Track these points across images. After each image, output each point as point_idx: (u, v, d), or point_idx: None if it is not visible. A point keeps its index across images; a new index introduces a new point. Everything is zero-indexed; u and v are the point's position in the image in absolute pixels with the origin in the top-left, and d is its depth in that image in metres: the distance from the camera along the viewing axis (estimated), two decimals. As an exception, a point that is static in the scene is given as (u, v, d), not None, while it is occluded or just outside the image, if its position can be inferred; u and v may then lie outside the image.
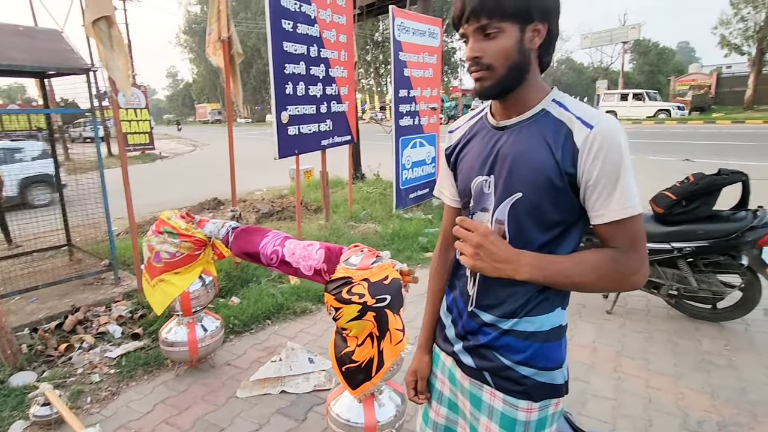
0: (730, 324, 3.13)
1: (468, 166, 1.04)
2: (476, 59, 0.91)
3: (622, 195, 0.87)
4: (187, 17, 58.97)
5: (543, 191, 0.91)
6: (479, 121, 1.07)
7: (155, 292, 2.58)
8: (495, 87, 0.93)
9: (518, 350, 0.99)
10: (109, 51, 3.07)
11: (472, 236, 0.92)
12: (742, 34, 27.96)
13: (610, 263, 0.90)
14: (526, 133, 0.94)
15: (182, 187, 10.34)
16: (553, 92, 0.96)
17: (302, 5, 4.31)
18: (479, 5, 0.87)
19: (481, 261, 0.92)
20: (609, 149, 0.86)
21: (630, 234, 0.90)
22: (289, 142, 4.36)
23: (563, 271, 0.90)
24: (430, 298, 1.25)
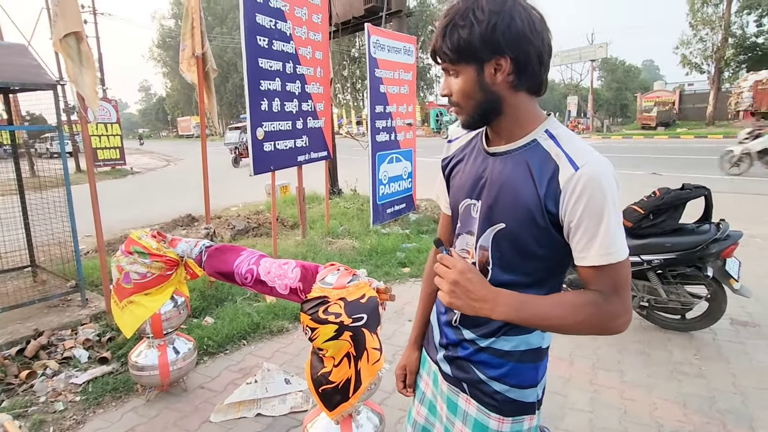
0: (698, 334, 3.22)
1: (458, 186, 1.06)
2: (448, 96, 0.96)
3: (604, 240, 0.85)
4: (161, 31, 58.42)
5: (525, 225, 0.91)
6: (475, 141, 1.06)
7: (124, 314, 2.49)
8: (469, 121, 0.96)
9: (493, 366, 1.03)
10: (77, 67, 3.00)
11: (449, 273, 0.89)
12: (702, 54, 29.45)
13: (590, 307, 0.87)
14: (515, 162, 0.93)
15: (155, 203, 10.11)
16: (547, 122, 0.94)
17: (278, 22, 4.33)
18: (436, 50, 0.92)
19: (457, 298, 0.89)
20: (593, 193, 0.84)
21: (612, 279, 0.87)
22: (264, 159, 4.33)
23: (541, 314, 0.88)
24: (422, 299, 1.31)
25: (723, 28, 27.17)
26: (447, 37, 0.89)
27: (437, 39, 0.91)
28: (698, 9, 28.64)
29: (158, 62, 62.65)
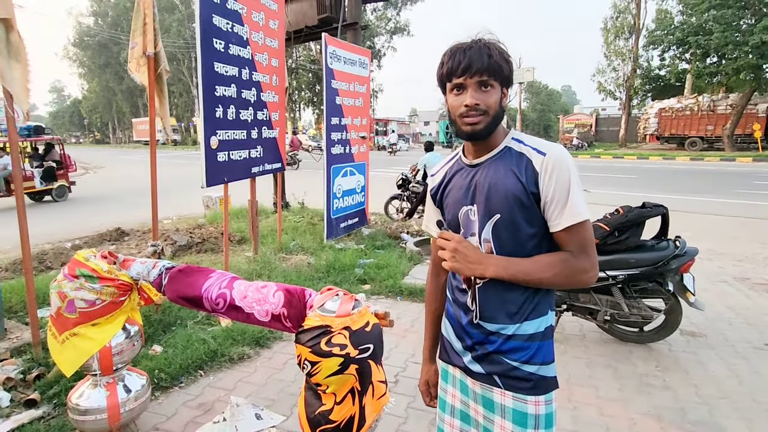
0: (656, 345, 3.38)
1: (454, 200, 1.23)
2: (476, 106, 1.10)
3: (573, 205, 1.09)
4: (78, 29, 53.98)
5: (516, 210, 1.12)
6: (455, 163, 1.28)
7: (65, 348, 2.12)
8: (485, 129, 1.13)
9: (523, 350, 1.16)
10: (5, 59, 2.58)
11: (449, 243, 1.15)
12: (615, 82, 32.38)
13: (562, 263, 1.11)
14: (496, 167, 1.16)
15: (74, 215, 9.13)
16: (511, 132, 1.20)
17: (234, 25, 4.07)
18: (486, 65, 1.09)
19: (457, 262, 1.13)
20: (560, 170, 1.09)
21: (579, 238, 1.11)
22: (218, 169, 4.02)
23: (523, 269, 1.11)
24: (429, 317, 1.45)
25: (632, 60, 30.11)
26: (494, 58, 1.10)
27: (485, 55, 1.09)
28: (611, 41, 31.58)
29: (74, 62, 57.79)
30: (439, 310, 1.41)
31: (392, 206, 8.14)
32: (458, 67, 1.10)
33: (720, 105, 24.03)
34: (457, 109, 1.13)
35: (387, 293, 4.44)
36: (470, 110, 1.10)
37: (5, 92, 2.61)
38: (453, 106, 1.15)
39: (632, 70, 30.27)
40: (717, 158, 20.09)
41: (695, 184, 12.10)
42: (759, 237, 6.63)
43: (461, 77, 1.11)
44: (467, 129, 1.13)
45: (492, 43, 1.12)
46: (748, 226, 7.43)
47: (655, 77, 29.83)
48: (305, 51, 36.79)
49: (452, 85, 1.14)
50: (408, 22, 40.07)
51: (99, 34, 50.72)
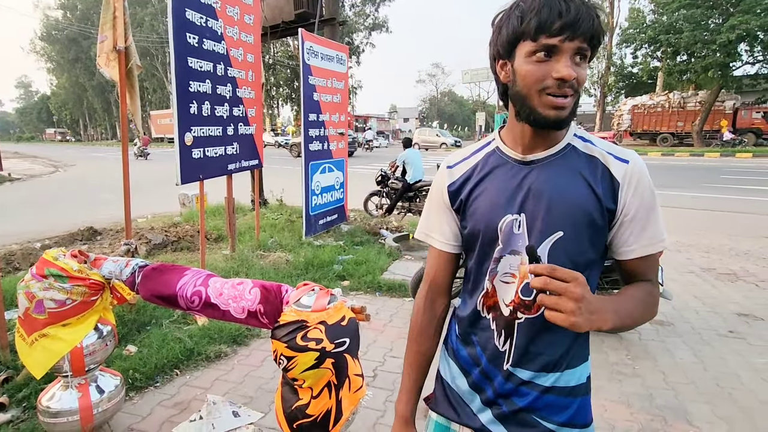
0: (626, 335, 3.49)
1: (490, 204, 0.93)
2: (573, 80, 0.81)
3: (657, 228, 0.89)
4: (46, 22, 52.21)
5: (583, 229, 0.87)
6: (491, 156, 0.97)
7: (34, 350, 2.07)
8: (570, 116, 0.86)
9: (562, 409, 0.92)
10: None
11: (572, 287, 0.74)
12: (589, 79, 33.03)
13: (650, 297, 0.91)
14: (559, 168, 0.89)
15: (44, 214, 8.84)
16: (572, 127, 0.93)
17: (208, 20, 4.01)
18: (594, 28, 0.80)
19: (581, 315, 0.75)
20: (645, 184, 0.88)
21: (655, 266, 0.94)
22: (193, 166, 3.96)
23: (629, 311, 0.85)
24: (414, 361, 1.08)
25: (606, 57, 30.77)
26: (599, 21, 0.81)
27: (593, 15, 0.80)
28: (586, 39, 32.21)
29: (42, 56, 55.86)
30: (429, 352, 1.08)
31: (372, 202, 8.16)
32: (557, 21, 0.78)
33: (690, 102, 24.82)
34: (539, 81, 0.82)
35: (366, 289, 4.46)
36: (564, 86, 0.81)
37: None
38: (533, 76, 0.83)
39: (606, 67, 30.95)
40: (687, 153, 20.75)
41: (666, 178, 12.47)
42: (725, 229, 6.89)
43: (557, 37, 0.79)
44: (551, 114, 0.83)
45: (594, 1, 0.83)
46: (715, 218, 7.71)
47: (628, 75, 30.56)
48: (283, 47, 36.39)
49: (537, 45, 0.81)
50: (386, 18, 40.01)
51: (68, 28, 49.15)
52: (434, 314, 1.08)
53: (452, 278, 1.07)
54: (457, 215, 1.01)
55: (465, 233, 1.00)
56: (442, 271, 1.06)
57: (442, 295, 1.08)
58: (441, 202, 1.03)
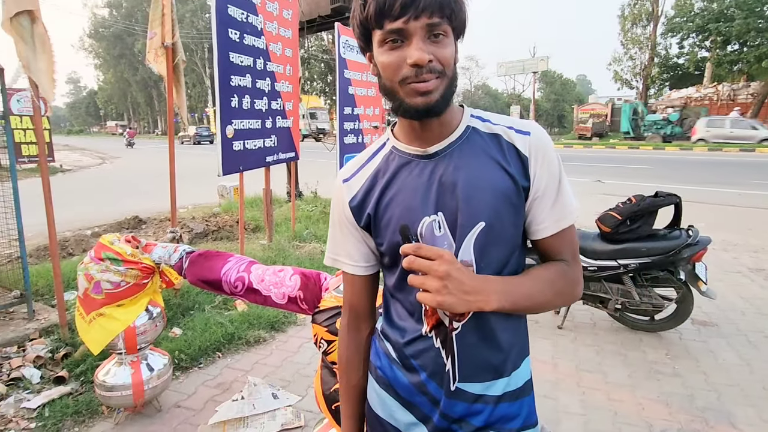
0: (666, 334, 3.39)
1: (401, 211, 0.83)
2: (430, 63, 0.73)
3: (567, 201, 0.84)
4: (94, 20, 54.56)
5: (504, 213, 0.80)
6: (390, 157, 0.87)
7: (92, 328, 2.23)
8: (443, 99, 0.76)
9: (515, 415, 0.88)
10: (31, 51, 2.67)
11: (436, 265, 0.71)
12: (631, 71, 31.81)
13: (562, 277, 0.84)
14: (466, 154, 0.82)
15: (92, 203, 9.33)
16: (466, 108, 0.87)
17: (249, 15, 4.12)
18: (438, 1, 0.72)
19: (449, 294, 0.71)
20: (551, 154, 0.83)
21: (572, 242, 0.87)
22: (233, 158, 4.09)
23: (527, 293, 0.79)
24: (350, 396, 0.99)
25: (650, 48, 29.54)
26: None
27: None
28: (628, 29, 30.97)
29: (90, 53, 58.49)
30: (361, 382, 0.98)
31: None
32: (395, 2, 0.71)
33: (740, 94, 23.53)
34: (396, 71, 0.74)
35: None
36: (422, 72, 0.73)
37: (31, 82, 2.70)
38: (389, 67, 0.75)
39: (650, 58, 29.72)
40: (737, 149, 19.68)
41: (713, 174, 11.90)
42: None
43: (400, 18, 0.71)
44: (418, 101, 0.75)
45: None
46: (766, 217, 7.33)
47: (673, 66, 29.28)
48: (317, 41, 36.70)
49: (384, 33, 0.74)
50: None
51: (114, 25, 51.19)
52: (360, 342, 0.98)
53: (374, 300, 0.98)
54: (367, 233, 0.90)
55: (382, 250, 0.88)
56: (360, 295, 0.96)
57: (365, 320, 0.98)
58: (344, 221, 0.91)
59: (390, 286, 0.92)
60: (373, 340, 0.98)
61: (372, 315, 0.99)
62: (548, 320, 3.63)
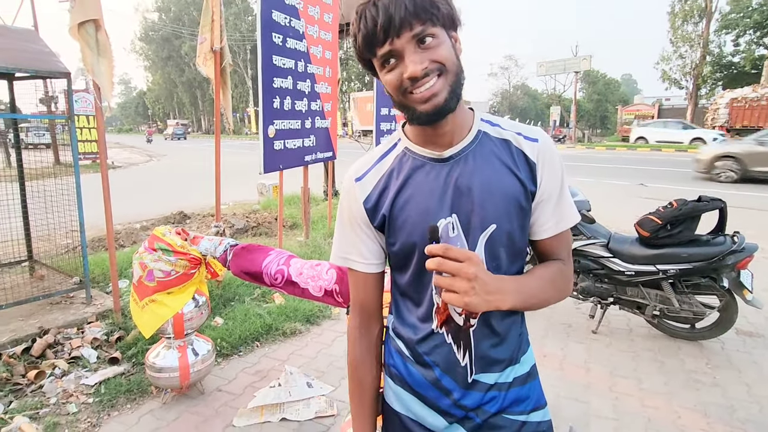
0: (707, 343, 3.29)
1: (419, 212, 0.85)
2: (426, 69, 0.76)
3: (568, 204, 0.90)
4: (144, 24, 57.20)
5: (514, 218, 0.85)
6: (404, 158, 0.90)
7: (145, 313, 2.40)
8: (450, 97, 0.78)
9: (525, 398, 0.94)
10: (94, 56, 2.90)
11: (465, 267, 0.74)
12: (681, 70, 30.38)
13: (560, 275, 0.91)
14: (479, 158, 0.85)
15: (141, 198, 9.84)
16: (476, 111, 0.90)
17: (292, 20, 4.27)
18: (412, 10, 0.75)
19: (476, 296, 0.75)
20: (556, 160, 0.88)
21: (567, 244, 0.94)
22: (274, 157, 4.26)
23: (534, 291, 0.85)
24: (363, 397, 0.98)
25: (702, 46, 28.12)
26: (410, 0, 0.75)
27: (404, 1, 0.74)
28: (679, 26, 29.59)
29: (140, 55, 61.36)
30: (375, 383, 0.99)
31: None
32: (376, 29, 0.75)
33: (802, 94, 22.01)
34: (398, 87, 0.79)
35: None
36: (420, 79, 0.77)
37: (94, 85, 2.93)
38: (392, 86, 0.80)
39: (701, 56, 28.29)
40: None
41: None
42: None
43: (385, 42, 0.76)
44: (425, 107, 0.78)
45: None
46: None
47: (727, 64, 27.78)
48: (356, 42, 37.06)
49: (379, 59, 0.80)
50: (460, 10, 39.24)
51: (162, 29, 53.51)
52: (371, 342, 0.99)
53: (381, 298, 1.00)
54: (380, 232, 0.92)
55: (394, 250, 0.90)
56: (371, 294, 0.97)
57: (375, 319, 0.99)
58: (356, 220, 0.92)
59: (401, 285, 0.94)
60: (386, 340, 1.01)
61: (380, 313, 1.01)
62: (582, 324, 3.58)
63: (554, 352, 3.15)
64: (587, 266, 3.40)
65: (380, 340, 1.02)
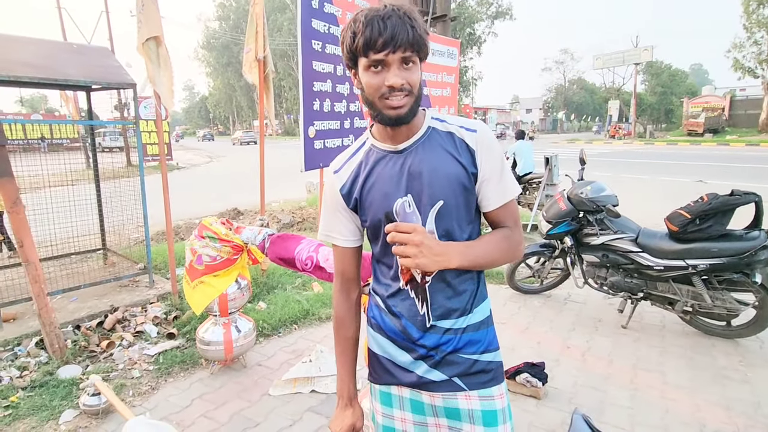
0: (744, 341, 3.20)
1: (382, 194, 1.07)
2: (403, 86, 0.96)
3: (507, 180, 1.08)
4: (206, 32, 60.47)
5: (459, 194, 1.04)
6: (370, 153, 1.11)
7: (195, 293, 2.74)
8: (411, 112, 1.00)
9: (477, 341, 1.11)
10: (156, 68, 3.30)
11: (412, 236, 0.95)
12: (756, 58, 28.07)
13: (506, 240, 1.08)
14: (428, 149, 1.05)
15: (201, 196, 10.61)
16: (428, 111, 1.10)
17: (331, 27, 4.54)
18: (411, 39, 0.94)
19: (424, 257, 0.95)
20: (492, 146, 1.06)
21: (513, 213, 1.10)
22: (314, 156, 4.55)
23: (480, 253, 1.03)
24: (346, 347, 1.21)
25: (780, 31, 25.85)
26: (417, 30, 0.95)
27: (408, 27, 0.94)
28: (753, 11, 27.31)
29: (202, 62, 64.94)
30: (354, 335, 1.21)
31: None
32: (378, 39, 0.93)
33: None
34: (377, 89, 0.98)
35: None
36: (395, 91, 0.96)
37: (155, 94, 3.33)
38: (372, 86, 0.98)
39: (780, 42, 25.99)
40: None
41: None
42: None
43: (382, 52, 0.94)
44: (391, 114, 0.99)
45: (410, 11, 0.98)
46: None
47: (811, 50, 25.30)
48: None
49: (369, 61, 0.96)
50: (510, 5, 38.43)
51: (222, 36, 56.34)
52: (350, 302, 1.21)
53: (359, 267, 1.22)
54: (355, 213, 1.14)
55: (367, 225, 1.13)
56: (349, 264, 1.19)
57: (353, 284, 1.21)
58: (336, 204, 1.14)
59: (376, 253, 1.17)
60: (369, 297, 1.24)
61: (358, 280, 1.23)
62: (613, 319, 3.59)
63: (578, 344, 3.21)
64: (616, 261, 3.41)
65: (358, 301, 1.24)
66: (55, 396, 2.53)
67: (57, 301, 3.50)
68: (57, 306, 3.41)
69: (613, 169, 13.29)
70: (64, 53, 3.44)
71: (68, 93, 10.96)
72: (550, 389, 2.66)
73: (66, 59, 3.35)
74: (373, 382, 1.21)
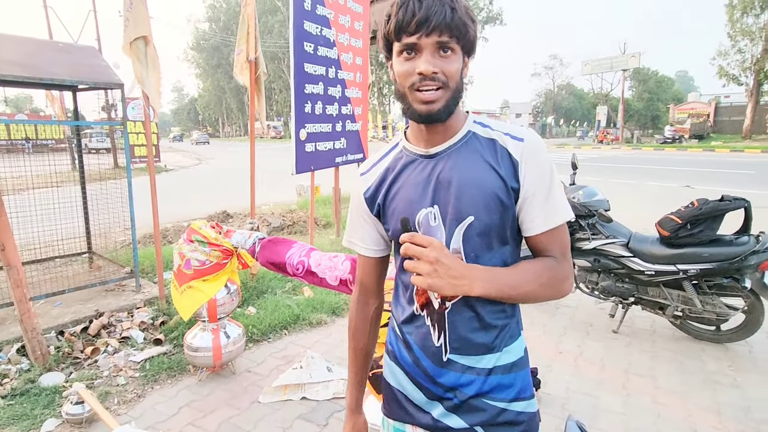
0: (733, 346, 3.23)
1: (406, 201, 0.95)
2: (435, 75, 0.84)
3: (556, 202, 0.91)
4: (196, 34, 60.09)
5: (493, 211, 0.90)
6: (399, 155, 1.00)
7: (183, 298, 2.69)
8: (445, 109, 0.87)
9: (507, 386, 0.96)
10: (144, 68, 3.24)
11: (427, 252, 0.82)
12: (740, 65, 28.65)
13: (548, 271, 0.91)
14: (463, 156, 0.92)
15: (189, 199, 10.48)
16: (470, 115, 0.97)
17: (323, 29, 4.52)
18: (449, 21, 0.82)
19: (439, 278, 0.82)
20: (541, 159, 0.91)
21: (562, 241, 0.94)
22: (305, 159, 4.52)
23: (511, 282, 0.87)
24: (355, 357, 1.13)
25: (764, 39, 26.40)
26: (458, 12, 0.83)
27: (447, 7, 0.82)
28: (737, 19, 27.89)
29: (192, 64, 64.48)
30: (368, 347, 1.14)
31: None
32: (411, 20, 0.82)
33: None
34: (407, 78, 0.86)
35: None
36: (426, 80, 0.85)
37: (143, 94, 3.27)
38: (402, 74, 0.87)
39: (763, 50, 26.57)
40: None
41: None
42: None
43: (415, 35, 0.83)
44: (422, 108, 0.87)
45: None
46: None
47: (793, 58, 25.89)
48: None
49: (401, 45, 0.86)
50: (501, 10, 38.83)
51: (212, 38, 56.01)
52: (367, 314, 1.12)
53: (381, 280, 1.11)
54: (379, 220, 1.03)
55: (389, 235, 1.01)
56: (369, 274, 1.09)
57: (372, 296, 1.11)
58: (360, 209, 1.05)
59: (399, 269, 1.03)
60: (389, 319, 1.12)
61: (379, 292, 1.13)
62: (604, 324, 3.60)
63: (570, 349, 3.20)
64: (607, 265, 3.42)
65: (377, 314, 1.14)
66: (36, 404, 2.45)
67: (40, 306, 3.40)
68: (40, 311, 3.31)
69: (601, 174, 13.42)
70: (50, 52, 3.37)
71: (54, 93, 10.79)
72: (543, 395, 2.65)
73: (52, 58, 3.28)
74: (387, 416, 1.10)
